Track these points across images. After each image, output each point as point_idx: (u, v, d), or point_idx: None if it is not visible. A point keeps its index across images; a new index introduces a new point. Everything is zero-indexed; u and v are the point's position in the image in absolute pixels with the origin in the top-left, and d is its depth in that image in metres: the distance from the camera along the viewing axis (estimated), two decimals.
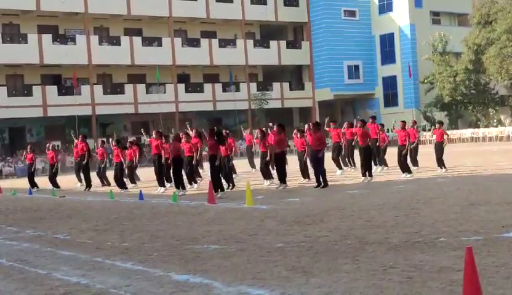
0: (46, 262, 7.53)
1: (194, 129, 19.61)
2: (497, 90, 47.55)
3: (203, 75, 48.77)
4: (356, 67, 51.90)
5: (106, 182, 21.65)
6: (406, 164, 17.52)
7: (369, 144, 17.00)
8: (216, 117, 47.93)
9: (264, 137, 17.36)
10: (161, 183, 17.49)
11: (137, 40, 44.19)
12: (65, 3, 41.28)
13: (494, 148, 31.83)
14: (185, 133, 18.27)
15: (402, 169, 17.35)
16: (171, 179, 17.68)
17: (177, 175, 16.36)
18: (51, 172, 22.33)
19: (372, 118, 20.49)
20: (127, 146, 19.72)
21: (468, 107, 47.60)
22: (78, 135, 24.48)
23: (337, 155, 19.11)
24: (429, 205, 10.63)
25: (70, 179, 24.25)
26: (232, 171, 17.99)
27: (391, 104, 51.12)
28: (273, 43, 50.05)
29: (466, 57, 46.12)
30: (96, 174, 21.96)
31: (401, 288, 5.17)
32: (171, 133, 21.27)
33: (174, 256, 7.32)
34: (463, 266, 4.54)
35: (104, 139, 25.17)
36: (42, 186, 22.68)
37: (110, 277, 6.41)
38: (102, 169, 21.91)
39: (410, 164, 18.44)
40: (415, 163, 19.64)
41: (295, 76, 53.89)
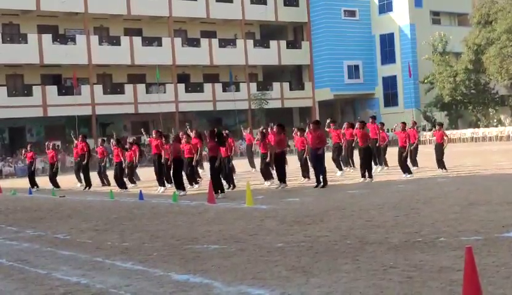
0: (46, 262, 7.53)
1: (194, 130, 19.61)
2: (497, 90, 47.55)
3: (203, 75, 48.76)
4: (356, 67, 51.90)
5: (106, 181, 21.64)
6: (406, 164, 17.53)
7: (369, 145, 16.99)
8: (216, 117, 47.93)
9: (264, 138, 17.34)
10: (161, 183, 17.50)
11: (137, 40, 44.19)
12: (65, 3, 41.28)
13: (494, 148, 31.82)
14: (185, 133, 18.26)
15: (403, 169, 17.37)
16: (171, 180, 17.66)
17: (177, 176, 16.35)
18: (51, 171, 22.37)
19: (372, 118, 20.49)
20: (127, 147, 19.72)
21: (468, 107, 47.59)
22: (78, 135, 24.45)
23: (337, 156, 19.12)
24: (429, 205, 10.63)
25: (70, 179, 24.24)
26: (232, 171, 17.99)
27: (391, 104, 51.12)
28: (273, 43, 50.04)
29: (466, 57, 46.12)
30: (97, 173, 21.97)
31: (401, 288, 5.17)
32: (171, 133, 21.27)
33: (174, 256, 7.32)
34: (463, 266, 4.54)
35: (104, 138, 25.13)
36: (42, 186, 22.69)
37: (110, 277, 6.41)
38: (103, 168, 21.93)
39: (410, 164, 18.45)
40: (415, 163, 19.63)
41: (295, 76, 53.88)
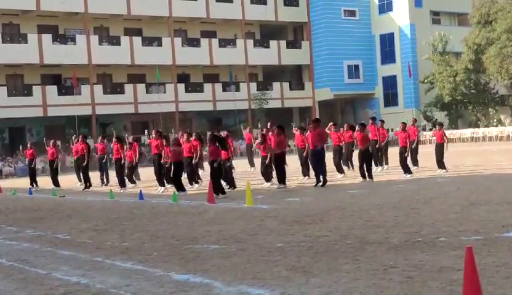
0: (46, 262, 7.52)
1: (195, 133, 19.64)
2: (497, 90, 47.55)
3: (203, 75, 48.75)
4: (356, 67, 51.89)
5: (106, 180, 21.78)
6: (406, 164, 17.52)
7: (369, 147, 16.94)
8: (216, 117, 47.93)
9: (264, 141, 17.31)
10: (161, 183, 17.50)
11: (137, 40, 44.18)
12: (65, 3, 41.27)
13: (494, 148, 31.83)
14: (186, 132, 18.30)
15: (404, 169, 17.35)
16: (171, 181, 17.68)
17: (177, 179, 16.35)
18: (51, 169, 22.27)
19: (372, 119, 20.44)
20: (127, 147, 19.75)
21: (468, 107, 47.60)
22: (78, 135, 24.46)
23: (338, 159, 19.03)
24: (429, 205, 10.62)
25: (70, 179, 24.27)
26: (231, 170, 17.99)
27: (391, 104, 51.12)
28: (273, 43, 50.03)
29: (466, 57, 46.11)
30: (98, 170, 22.11)
31: (401, 288, 5.16)
32: (171, 133, 21.30)
33: (174, 256, 7.32)
34: (463, 266, 4.54)
35: (105, 137, 25.10)
36: (42, 186, 22.69)
37: (110, 277, 6.41)
38: (103, 165, 21.98)
39: (410, 164, 18.45)
40: (416, 163, 19.63)
41: (295, 76, 53.87)
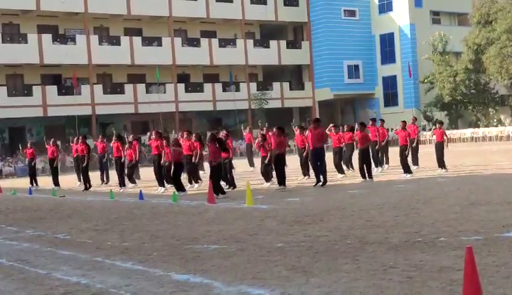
0: (46, 262, 7.52)
1: (195, 133, 19.65)
2: (497, 90, 47.54)
3: (203, 75, 48.74)
4: (356, 66, 51.88)
5: (107, 178, 21.81)
6: (407, 163, 17.52)
7: (368, 147, 16.99)
8: (216, 117, 47.92)
9: (264, 140, 17.33)
10: (161, 183, 17.49)
11: (137, 40, 44.16)
12: (65, 3, 41.25)
13: (494, 148, 31.82)
14: (186, 130, 18.33)
15: (404, 168, 17.34)
16: (171, 181, 17.70)
17: (176, 179, 16.35)
18: (52, 168, 22.20)
19: (372, 120, 20.43)
20: (127, 146, 19.76)
21: (468, 107, 47.58)
22: (78, 135, 24.48)
23: (339, 160, 19.06)
24: (429, 205, 10.63)
25: (70, 179, 24.27)
26: (231, 169, 17.99)
27: (391, 104, 51.10)
28: (273, 43, 50.02)
29: (466, 57, 46.10)
30: (99, 169, 22.15)
31: (401, 288, 5.17)
32: (170, 134, 21.32)
33: (174, 256, 7.32)
34: (463, 266, 4.54)
35: (105, 137, 25.08)
36: (42, 186, 22.69)
37: (110, 277, 6.41)
38: (104, 164, 21.98)
39: (411, 163, 18.44)
40: (416, 162, 19.65)
41: (295, 76, 53.86)
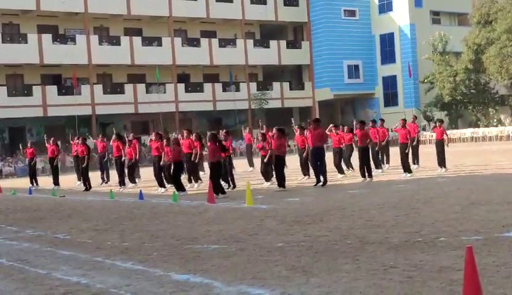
0: (46, 262, 7.52)
1: (195, 133, 19.67)
2: (497, 90, 47.53)
3: (203, 75, 48.73)
4: (356, 66, 51.87)
5: (107, 178, 21.80)
6: (408, 162, 17.51)
7: (368, 145, 16.99)
8: (216, 117, 47.91)
9: (264, 140, 17.33)
10: (161, 185, 17.47)
11: (137, 40, 44.15)
12: (65, 3, 41.24)
13: (494, 147, 31.81)
14: (186, 129, 18.34)
15: (404, 167, 17.33)
16: (171, 181, 17.71)
17: (176, 178, 16.35)
18: (52, 167, 22.16)
19: (372, 122, 20.39)
20: (126, 144, 19.80)
21: (468, 106, 47.57)
22: (78, 135, 24.48)
23: (339, 160, 19.06)
24: (429, 205, 10.62)
25: (70, 179, 24.27)
26: (231, 168, 18.00)
27: (391, 104, 51.07)
28: (273, 43, 50.01)
29: (466, 57, 46.09)
30: (99, 169, 22.14)
31: (401, 288, 5.16)
32: (171, 134, 21.33)
33: (174, 256, 7.32)
34: (463, 265, 4.54)
35: (105, 137, 25.07)
36: (42, 186, 22.69)
37: (110, 277, 6.41)
38: (104, 163, 21.97)
39: (411, 163, 18.42)
40: (417, 161, 19.66)
41: (295, 76, 53.86)
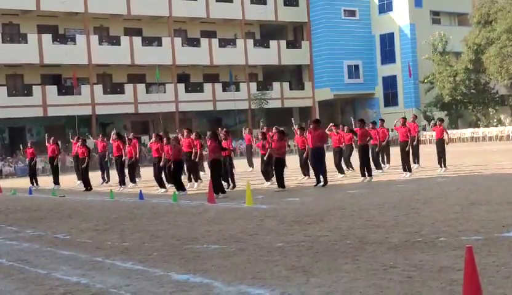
0: (46, 262, 7.52)
1: (195, 132, 19.69)
2: (497, 90, 47.55)
3: (203, 75, 48.74)
4: (356, 66, 51.88)
5: (107, 178, 21.80)
6: (408, 161, 17.50)
7: (368, 144, 17.02)
8: (216, 117, 47.91)
9: (265, 139, 17.35)
10: (162, 185, 17.47)
11: (137, 40, 44.16)
12: (65, 3, 41.24)
13: (494, 147, 31.81)
14: (187, 129, 18.37)
15: (404, 166, 17.33)
16: (171, 180, 17.70)
17: (177, 178, 16.35)
18: (52, 166, 22.14)
19: (373, 123, 20.39)
20: (127, 142, 19.81)
21: (468, 106, 47.59)
22: (78, 135, 24.48)
23: (339, 160, 19.08)
24: (429, 205, 10.62)
25: (70, 179, 24.27)
26: (232, 168, 18.00)
27: (391, 104, 51.07)
28: (273, 43, 50.01)
29: (466, 57, 46.10)
30: (99, 169, 22.26)
31: (401, 288, 5.16)
32: (171, 134, 21.32)
33: (174, 256, 7.32)
34: (463, 265, 4.54)
35: (105, 136, 25.07)
36: (42, 186, 22.69)
37: (110, 277, 6.41)
38: (104, 163, 21.97)
39: (411, 162, 18.42)
40: (417, 161, 19.66)
41: (295, 76, 53.86)
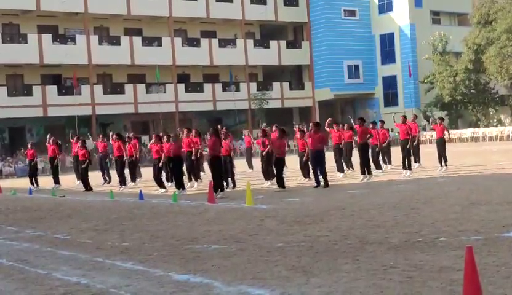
0: (46, 262, 7.52)
1: (194, 129, 19.68)
2: (497, 90, 47.55)
3: (203, 75, 48.74)
4: (356, 66, 51.88)
5: (108, 178, 21.78)
6: (409, 159, 17.50)
7: (367, 142, 17.05)
8: (216, 117, 47.89)
9: (265, 136, 17.36)
10: (161, 186, 17.47)
11: (137, 40, 44.16)
12: (65, 3, 41.25)
13: (494, 147, 31.82)
14: (186, 128, 18.39)
15: (404, 165, 17.32)
16: (171, 179, 17.70)
17: (177, 175, 16.35)
18: (52, 166, 22.10)
19: (373, 123, 20.40)
20: (126, 141, 19.82)
21: (468, 106, 47.60)
22: (78, 135, 24.45)
23: (339, 157, 19.11)
24: (429, 205, 10.63)
25: (70, 179, 24.27)
26: (232, 167, 18.01)
27: (391, 104, 51.06)
28: (273, 43, 50.01)
29: (466, 57, 46.11)
30: (100, 169, 22.25)
31: (401, 288, 5.16)
32: (171, 133, 21.30)
33: (174, 256, 7.32)
34: (463, 266, 4.54)
35: (105, 137, 25.08)
36: (42, 186, 22.69)
37: (110, 277, 6.41)
38: (105, 164, 21.96)
39: (412, 161, 18.42)
40: (418, 160, 19.67)
41: (295, 76, 53.86)
